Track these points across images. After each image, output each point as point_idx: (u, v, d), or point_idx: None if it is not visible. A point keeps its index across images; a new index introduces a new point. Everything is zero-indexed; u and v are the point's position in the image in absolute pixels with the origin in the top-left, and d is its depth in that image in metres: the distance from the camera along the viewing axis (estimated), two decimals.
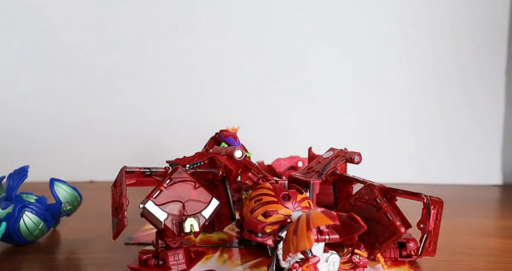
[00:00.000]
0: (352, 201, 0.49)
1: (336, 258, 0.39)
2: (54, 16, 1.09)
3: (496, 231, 0.66)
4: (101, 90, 1.11)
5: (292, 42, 1.11)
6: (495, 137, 1.13)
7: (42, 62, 1.09)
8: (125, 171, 0.46)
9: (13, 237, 0.55)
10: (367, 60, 1.12)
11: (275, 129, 1.12)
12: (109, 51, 1.10)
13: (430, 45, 1.11)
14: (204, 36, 1.11)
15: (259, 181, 0.52)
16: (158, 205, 0.44)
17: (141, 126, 1.12)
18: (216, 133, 0.61)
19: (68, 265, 0.50)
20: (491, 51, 1.12)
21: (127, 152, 1.11)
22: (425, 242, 0.47)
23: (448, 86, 1.12)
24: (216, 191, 0.56)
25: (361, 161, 0.54)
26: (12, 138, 1.10)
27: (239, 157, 0.47)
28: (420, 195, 0.46)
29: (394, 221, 0.44)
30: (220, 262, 0.49)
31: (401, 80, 1.12)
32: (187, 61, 1.11)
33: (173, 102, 1.12)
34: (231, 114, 1.11)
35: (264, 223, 0.37)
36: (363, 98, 1.12)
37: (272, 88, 1.12)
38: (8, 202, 0.55)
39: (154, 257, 0.46)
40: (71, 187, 0.63)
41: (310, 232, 0.32)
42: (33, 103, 1.10)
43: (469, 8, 1.10)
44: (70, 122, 1.11)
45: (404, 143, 1.13)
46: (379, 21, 1.11)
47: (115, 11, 1.09)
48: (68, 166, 1.10)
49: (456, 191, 1.02)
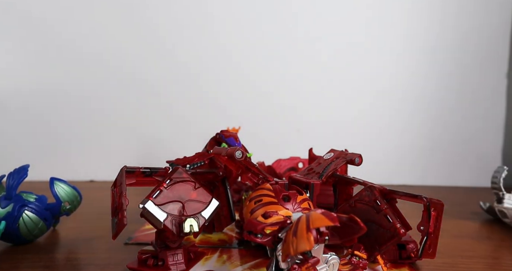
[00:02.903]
0: (352, 203, 0.49)
1: (335, 259, 0.39)
2: (55, 15, 1.09)
3: (496, 234, 0.66)
4: (101, 89, 1.11)
5: (293, 42, 1.11)
6: (496, 139, 1.13)
7: (43, 62, 1.09)
8: (125, 170, 0.46)
9: (12, 236, 0.55)
10: (368, 61, 1.12)
11: (276, 130, 1.12)
12: (110, 51, 1.10)
13: (432, 47, 1.11)
14: (204, 36, 1.11)
15: (260, 182, 0.52)
16: (158, 205, 0.44)
17: (141, 126, 1.12)
18: (216, 134, 0.60)
19: (68, 264, 0.50)
20: (493, 54, 1.12)
21: (128, 151, 1.11)
22: (425, 244, 0.47)
23: (449, 88, 1.12)
24: (216, 191, 0.56)
25: (361, 162, 0.54)
26: (12, 137, 1.10)
27: (240, 158, 0.47)
28: (421, 197, 0.46)
29: (394, 223, 0.44)
30: (220, 263, 0.49)
31: (402, 82, 1.12)
32: (188, 61, 1.11)
33: (173, 102, 1.12)
34: (231, 114, 1.11)
35: (263, 224, 0.37)
36: (364, 100, 1.12)
37: (273, 88, 1.12)
38: (8, 201, 0.55)
39: (153, 257, 0.46)
40: (71, 186, 0.63)
41: (310, 233, 0.32)
42: (33, 103, 1.10)
43: (471, 11, 1.10)
44: (70, 121, 1.11)
45: (405, 145, 1.13)
46: (380, 23, 1.11)
47: (116, 11, 1.09)
48: (68, 165, 1.10)
49: (457, 193, 1.02)
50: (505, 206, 0.67)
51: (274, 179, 0.52)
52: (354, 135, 1.12)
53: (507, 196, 0.68)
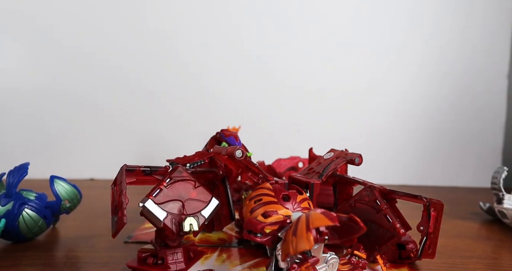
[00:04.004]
0: (352, 203, 0.49)
1: (335, 259, 0.39)
2: (56, 13, 1.08)
3: (496, 234, 0.66)
4: (101, 88, 1.11)
5: (294, 42, 1.11)
6: (496, 139, 1.13)
7: (43, 60, 1.09)
8: (125, 169, 0.46)
9: (12, 234, 0.55)
10: (370, 62, 1.12)
11: (276, 130, 1.12)
12: (111, 50, 1.10)
13: (433, 48, 1.11)
14: (204, 35, 1.11)
15: (259, 181, 0.52)
16: (158, 204, 0.44)
17: (142, 125, 1.12)
18: (217, 133, 0.60)
19: (67, 262, 0.50)
20: (493, 54, 1.11)
21: (128, 150, 1.11)
22: (424, 245, 0.47)
23: (450, 89, 1.12)
24: (216, 190, 0.56)
25: (361, 162, 0.54)
26: (12, 135, 1.10)
27: (240, 157, 0.47)
28: (420, 197, 0.46)
29: (394, 223, 0.44)
30: (219, 262, 0.49)
31: (402, 82, 1.12)
32: (188, 60, 1.11)
33: (174, 101, 1.12)
34: (232, 113, 1.11)
35: (263, 223, 0.36)
36: (365, 100, 1.12)
37: (273, 88, 1.12)
38: (8, 199, 0.55)
39: (153, 256, 0.46)
40: (71, 184, 0.63)
41: (310, 233, 0.32)
42: (34, 101, 1.10)
43: (471, 11, 1.10)
44: (71, 120, 1.11)
45: (405, 145, 1.13)
46: (382, 23, 1.11)
47: (116, 11, 1.09)
48: (68, 163, 1.10)
49: (457, 193, 1.02)
50: (505, 207, 0.67)
51: (274, 178, 0.52)
52: (354, 135, 1.12)
53: (507, 196, 0.68)
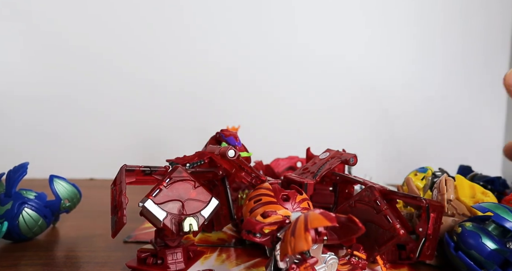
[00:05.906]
0: (352, 203, 0.49)
1: (334, 259, 0.39)
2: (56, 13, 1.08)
3: None
4: (102, 88, 1.10)
5: (292, 42, 1.11)
6: (496, 139, 1.13)
7: (43, 60, 1.09)
8: (125, 169, 0.46)
9: (12, 234, 0.55)
10: (368, 60, 1.12)
11: (275, 129, 1.12)
12: (110, 49, 1.10)
13: (433, 47, 1.11)
14: (204, 35, 1.10)
15: (253, 181, 0.52)
16: (158, 204, 0.44)
17: (142, 125, 1.12)
18: (216, 133, 0.60)
19: (67, 262, 0.50)
20: (493, 54, 1.11)
21: (127, 150, 1.11)
22: (423, 246, 0.46)
23: (450, 88, 1.12)
24: (216, 190, 0.56)
25: (356, 162, 0.54)
26: (12, 135, 1.10)
27: (232, 156, 0.47)
28: (420, 198, 0.46)
29: (394, 223, 0.44)
30: (219, 262, 0.49)
31: (402, 82, 1.12)
32: (188, 60, 1.11)
33: (173, 101, 1.12)
34: (231, 113, 1.11)
35: (262, 223, 0.36)
36: (364, 99, 1.12)
37: (272, 88, 1.12)
38: (8, 198, 0.55)
39: (153, 256, 0.46)
40: (71, 184, 0.63)
41: (308, 233, 0.32)
42: (33, 101, 1.10)
43: (471, 10, 1.10)
44: (70, 119, 1.11)
45: (405, 145, 1.13)
46: (380, 21, 1.11)
47: (117, 10, 1.09)
48: (68, 163, 1.10)
49: None
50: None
51: (267, 177, 0.52)
52: (354, 135, 1.11)
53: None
